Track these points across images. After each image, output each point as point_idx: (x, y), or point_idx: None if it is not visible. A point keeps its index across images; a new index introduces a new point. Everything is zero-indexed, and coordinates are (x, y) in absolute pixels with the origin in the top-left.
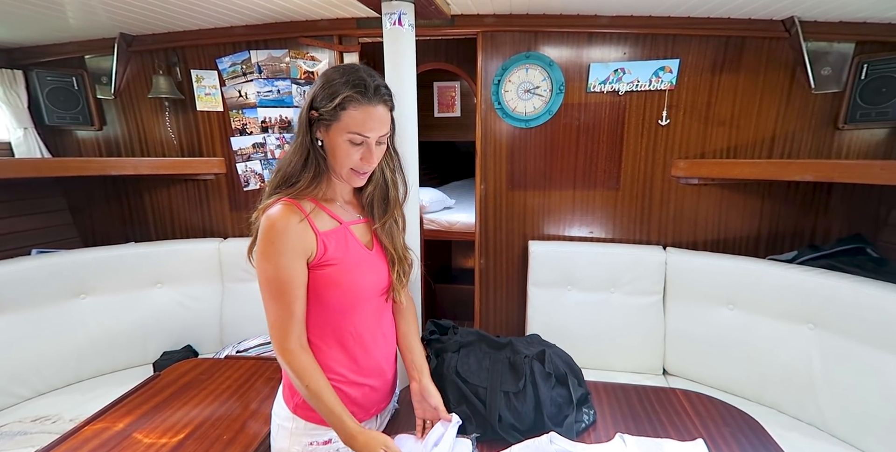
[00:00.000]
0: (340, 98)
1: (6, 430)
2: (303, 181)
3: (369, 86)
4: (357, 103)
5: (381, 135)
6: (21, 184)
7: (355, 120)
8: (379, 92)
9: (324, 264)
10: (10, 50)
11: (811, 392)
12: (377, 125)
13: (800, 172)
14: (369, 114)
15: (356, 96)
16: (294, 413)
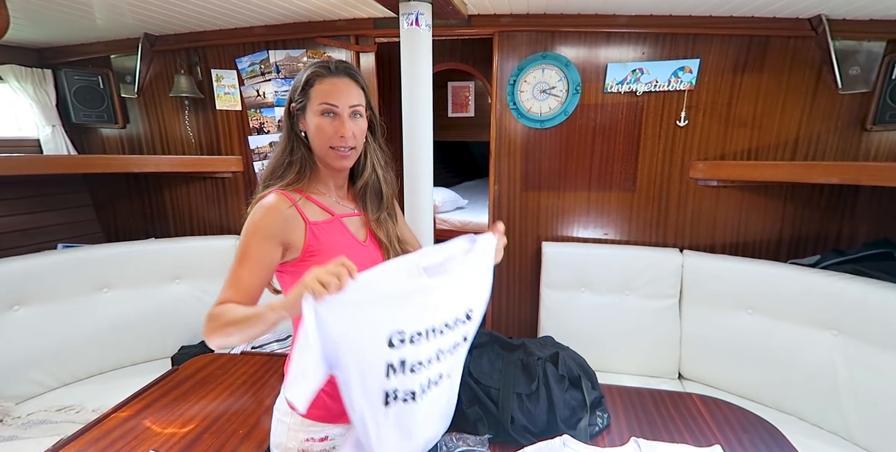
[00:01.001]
0: (306, 78)
1: (33, 418)
2: (290, 172)
3: (331, 64)
4: (321, 77)
5: (353, 106)
6: (48, 181)
7: (322, 91)
8: (341, 66)
9: (312, 253)
10: (40, 50)
11: (834, 400)
12: (343, 94)
13: (825, 175)
14: (334, 85)
15: (320, 71)
16: (292, 409)
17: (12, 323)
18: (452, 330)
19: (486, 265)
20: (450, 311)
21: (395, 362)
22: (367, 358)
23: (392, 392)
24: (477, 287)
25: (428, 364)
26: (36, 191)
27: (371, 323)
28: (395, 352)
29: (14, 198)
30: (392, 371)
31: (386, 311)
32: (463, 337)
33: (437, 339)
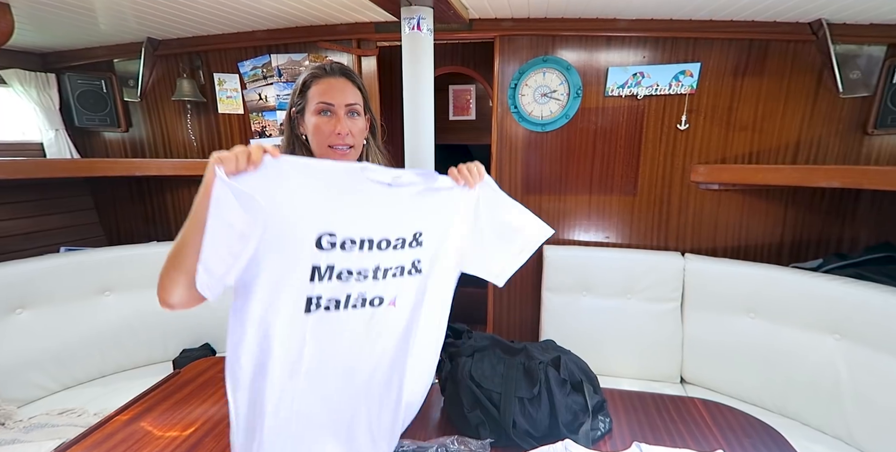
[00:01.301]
0: (303, 80)
1: (35, 422)
2: None
3: (327, 66)
4: (317, 79)
5: (349, 105)
6: (52, 184)
7: (318, 91)
8: (336, 67)
9: None
10: (44, 54)
11: (837, 405)
12: (339, 93)
13: (826, 178)
14: (330, 84)
15: (316, 72)
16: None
17: (15, 326)
18: (397, 250)
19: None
20: (392, 227)
21: (323, 266)
22: (292, 255)
23: (315, 299)
24: (434, 214)
25: (361, 277)
26: (39, 194)
27: (300, 216)
28: (323, 255)
29: (17, 201)
30: (318, 275)
31: (316, 207)
32: (413, 262)
33: (375, 254)
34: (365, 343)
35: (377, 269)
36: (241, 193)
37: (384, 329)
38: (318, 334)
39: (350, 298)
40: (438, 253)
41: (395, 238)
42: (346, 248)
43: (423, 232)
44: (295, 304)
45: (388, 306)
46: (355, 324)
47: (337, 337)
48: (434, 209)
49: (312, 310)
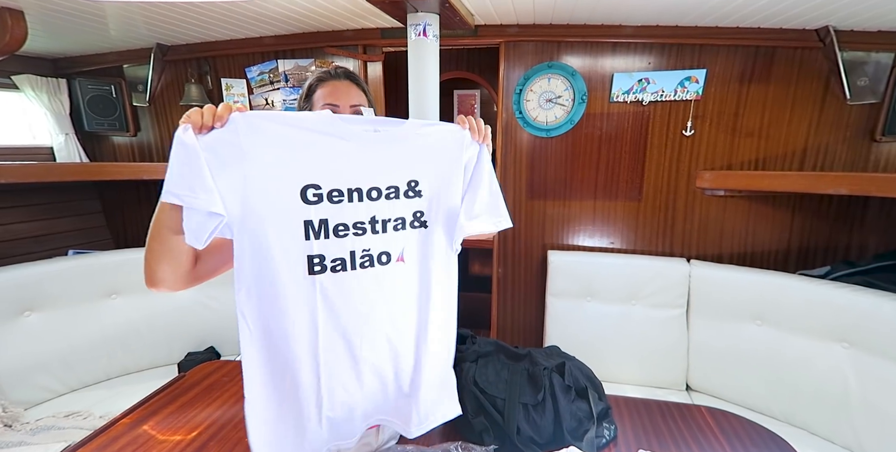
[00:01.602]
0: (308, 85)
1: (41, 424)
2: None
3: (332, 71)
4: (322, 82)
5: (354, 106)
6: (61, 188)
7: (324, 94)
8: (341, 71)
9: None
10: (55, 60)
11: (846, 414)
12: (343, 94)
13: (833, 185)
14: (335, 87)
15: (322, 76)
16: None
17: (23, 329)
18: (391, 200)
19: (451, 148)
20: (381, 175)
21: (315, 220)
22: (279, 210)
23: (318, 259)
24: (430, 162)
25: (359, 231)
26: (48, 198)
27: (280, 169)
28: (312, 209)
29: (27, 204)
30: (312, 231)
31: (296, 158)
32: (414, 214)
33: (368, 204)
34: (380, 304)
35: (374, 221)
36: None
37: (398, 286)
38: (329, 296)
39: (355, 256)
40: (441, 204)
41: (386, 186)
42: (334, 200)
43: (419, 182)
44: (295, 264)
45: (397, 262)
46: (368, 285)
47: (350, 300)
48: (429, 156)
49: (318, 272)
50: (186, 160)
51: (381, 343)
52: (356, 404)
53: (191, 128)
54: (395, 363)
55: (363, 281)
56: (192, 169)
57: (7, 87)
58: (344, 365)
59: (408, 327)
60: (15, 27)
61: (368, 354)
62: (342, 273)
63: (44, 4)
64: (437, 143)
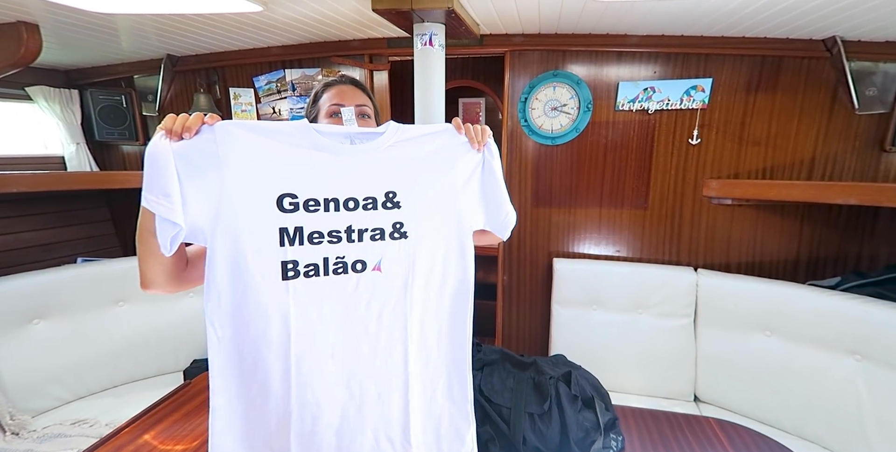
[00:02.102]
0: (315, 92)
1: (49, 432)
2: None
3: (337, 77)
4: (328, 88)
5: (359, 106)
6: (71, 196)
7: (329, 97)
8: (346, 78)
9: None
10: (68, 71)
11: (859, 427)
12: (348, 96)
13: (842, 195)
14: (340, 90)
15: (328, 82)
16: None
17: (32, 337)
18: (368, 210)
19: (436, 153)
20: (357, 186)
21: (290, 228)
22: (255, 218)
23: (291, 264)
24: (411, 174)
25: (334, 239)
26: (58, 206)
27: (256, 178)
28: (287, 217)
29: (38, 213)
30: (287, 237)
31: (273, 167)
32: (394, 225)
33: (344, 214)
34: (354, 310)
35: (350, 230)
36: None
37: (374, 296)
38: (301, 301)
39: (329, 262)
40: (425, 216)
41: (363, 197)
42: (310, 209)
43: (397, 193)
44: (268, 270)
45: (373, 271)
46: (340, 291)
47: (323, 305)
48: (411, 167)
49: (291, 277)
50: (156, 165)
51: (353, 351)
52: (326, 415)
53: (164, 135)
54: (364, 375)
55: (336, 286)
56: (161, 174)
57: (21, 99)
58: (316, 372)
59: (382, 338)
60: (30, 40)
61: (340, 362)
62: (315, 278)
63: (58, 18)
64: (423, 153)
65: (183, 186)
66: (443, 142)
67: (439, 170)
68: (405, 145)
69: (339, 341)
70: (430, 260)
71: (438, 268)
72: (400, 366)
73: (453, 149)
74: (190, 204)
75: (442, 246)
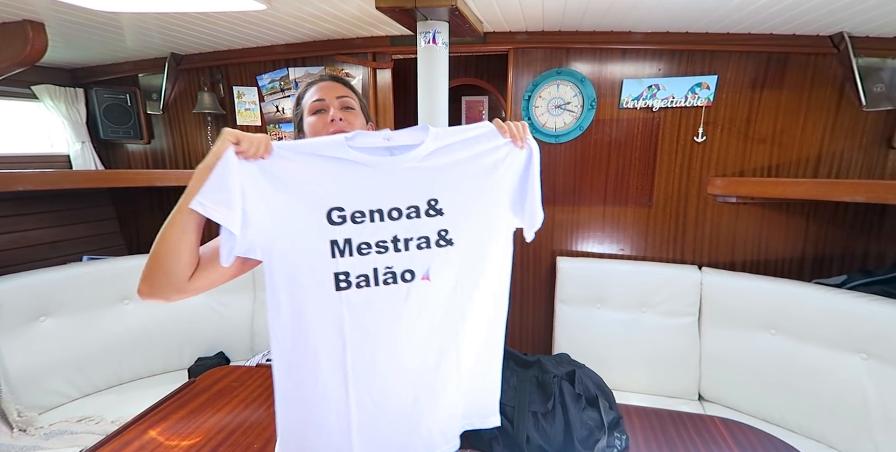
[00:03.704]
0: (299, 93)
1: (55, 429)
2: None
3: (318, 76)
4: (309, 86)
5: (340, 97)
6: (76, 195)
7: (310, 95)
8: (327, 75)
9: None
10: (73, 70)
11: (865, 427)
12: (328, 90)
13: (849, 193)
14: (319, 86)
15: (310, 81)
16: None
17: (39, 334)
18: (412, 219)
19: (475, 157)
20: (399, 196)
21: (340, 240)
22: (307, 233)
23: (343, 275)
24: (450, 178)
25: (381, 249)
26: (65, 204)
27: (306, 195)
28: (337, 229)
29: (44, 211)
30: (338, 249)
31: (321, 183)
32: (439, 233)
33: (389, 224)
34: (406, 319)
35: (396, 240)
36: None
37: (424, 306)
38: (356, 312)
39: (378, 273)
40: (469, 221)
41: (406, 206)
42: (357, 221)
43: (439, 200)
44: (323, 281)
45: (422, 280)
46: (392, 301)
47: (376, 314)
48: (451, 173)
49: (344, 288)
50: (223, 178)
51: (407, 358)
52: (383, 416)
53: (234, 149)
54: (418, 380)
55: (387, 296)
56: (227, 187)
57: (27, 97)
58: (371, 378)
59: (434, 345)
60: (36, 39)
61: (394, 368)
62: (366, 288)
63: (63, 17)
64: (463, 158)
65: (245, 203)
66: (483, 144)
67: (480, 174)
68: (445, 151)
69: (392, 349)
70: (476, 266)
71: (484, 274)
72: (453, 372)
73: (494, 151)
74: (250, 221)
75: (487, 251)
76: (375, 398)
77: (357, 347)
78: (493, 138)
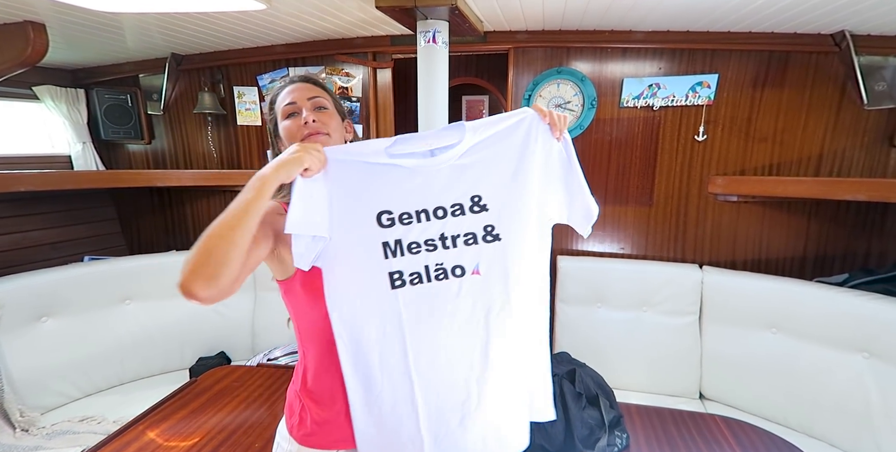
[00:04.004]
0: (271, 97)
1: (57, 429)
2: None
3: (288, 78)
4: (278, 92)
5: (311, 98)
6: (77, 195)
7: (280, 101)
8: (296, 77)
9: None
10: (74, 70)
11: (867, 425)
12: (299, 92)
13: (851, 191)
14: (288, 90)
15: (281, 85)
16: (290, 435)
17: (40, 334)
18: (457, 216)
19: (511, 149)
20: (442, 195)
21: (391, 241)
22: (361, 237)
23: (397, 274)
24: (491, 174)
25: (430, 247)
26: (66, 205)
27: (357, 201)
28: (387, 232)
29: (46, 212)
30: (389, 250)
31: (368, 188)
32: (485, 228)
33: (435, 223)
34: (461, 313)
35: (444, 237)
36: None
37: (477, 299)
38: (411, 307)
39: (430, 269)
40: (513, 216)
41: (450, 204)
42: (405, 222)
43: (482, 197)
44: (379, 282)
45: (472, 275)
46: (446, 296)
47: (432, 309)
48: (491, 169)
49: (398, 286)
50: (304, 200)
51: (465, 351)
52: (449, 408)
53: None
54: (476, 370)
55: (440, 291)
56: (308, 206)
57: (28, 98)
58: (433, 371)
59: (487, 336)
60: (37, 40)
61: (453, 361)
62: (420, 285)
63: (64, 17)
64: (501, 150)
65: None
66: (521, 134)
67: (521, 168)
68: (483, 146)
69: (450, 342)
70: (522, 259)
71: (531, 267)
72: (511, 363)
73: (531, 142)
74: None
75: (532, 245)
76: (441, 393)
77: (416, 341)
78: (532, 126)
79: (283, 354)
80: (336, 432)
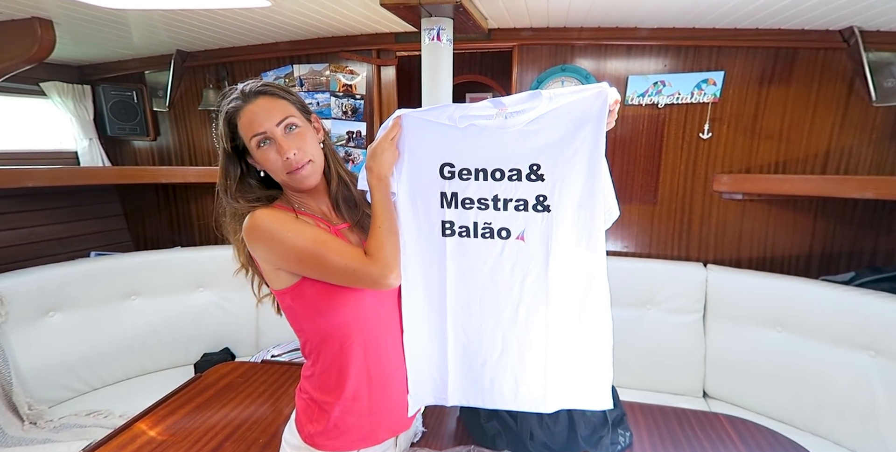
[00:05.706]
0: (224, 117)
1: (64, 422)
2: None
3: (241, 91)
4: (237, 111)
5: (281, 122)
6: (84, 191)
7: (245, 125)
8: (250, 91)
9: None
10: (81, 67)
11: (873, 424)
12: (264, 115)
13: (859, 189)
14: (252, 113)
15: (234, 105)
16: (305, 443)
17: (47, 329)
18: (513, 181)
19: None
20: (504, 158)
21: (448, 193)
22: (427, 183)
23: (448, 224)
24: (554, 145)
25: (482, 205)
26: (72, 201)
27: (427, 152)
28: (447, 183)
29: (52, 207)
30: (445, 201)
31: (437, 142)
32: (537, 198)
33: (491, 184)
34: (500, 272)
35: (496, 199)
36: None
37: (517, 263)
38: (455, 257)
39: (478, 226)
40: (566, 191)
41: (509, 169)
42: (463, 178)
43: (541, 166)
44: (433, 226)
45: (516, 240)
46: (488, 254)
47: (473, 263)
48: (555, 140)
49: (448, 235)
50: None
51: (497, 305)
52: (474, 352)
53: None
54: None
55: (483, 248)
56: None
57: (35, 94)
58: (466, 316)
59: (526, 301)
60: (44, 36)
61: (486, 311)
62: (466, 238)
63: (71, 14)
64: (567, 125)
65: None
66: (594, 110)
67: (583, 146)
68: (553, 115)
69: (485, 294)
70: (569, 235)
71: (578, 247)
72: (540, 330)
73: (597, 120)
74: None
75: (583, 225)
76: (469, 335)
77: (455, 288)
78: (604, 105)
79: (288, 351)
80: (355, 431)
